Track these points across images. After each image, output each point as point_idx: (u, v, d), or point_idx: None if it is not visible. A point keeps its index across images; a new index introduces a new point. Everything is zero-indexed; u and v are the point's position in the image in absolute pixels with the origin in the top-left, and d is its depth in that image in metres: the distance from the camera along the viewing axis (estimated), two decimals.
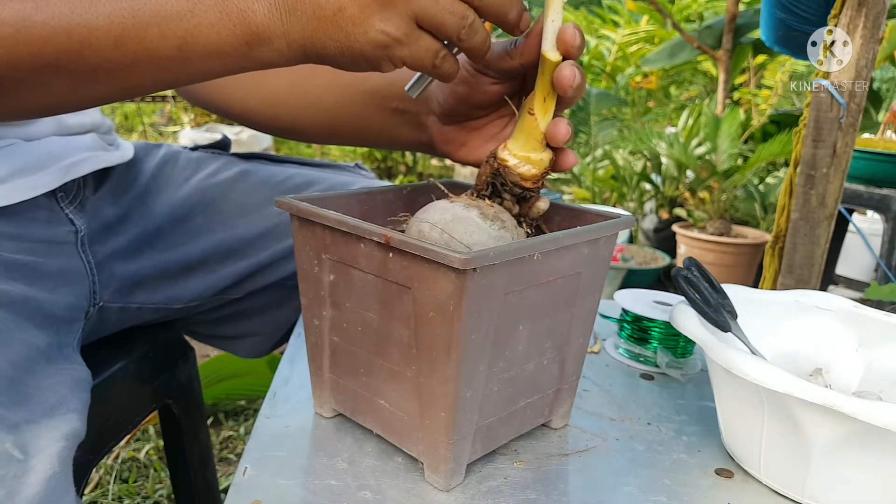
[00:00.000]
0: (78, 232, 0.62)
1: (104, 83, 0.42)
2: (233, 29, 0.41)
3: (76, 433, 0.46)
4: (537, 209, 0.50)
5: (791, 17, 1.34)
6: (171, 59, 0.41)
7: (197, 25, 0.40)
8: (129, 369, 0.67)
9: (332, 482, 0.44)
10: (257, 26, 0.41)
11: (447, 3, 0.41)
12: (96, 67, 0.41)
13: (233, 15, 0.40)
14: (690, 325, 0.50)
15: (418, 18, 0.41)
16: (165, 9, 0.40)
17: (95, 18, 0.39)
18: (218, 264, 0.73)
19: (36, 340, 0.51)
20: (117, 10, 0.39)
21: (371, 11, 0.40)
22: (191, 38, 0.40)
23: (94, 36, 0.39)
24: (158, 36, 0.40)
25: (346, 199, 0.52)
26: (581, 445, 0.51)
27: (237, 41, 0.41)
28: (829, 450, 0.42)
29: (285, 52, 0.42)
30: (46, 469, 0.41)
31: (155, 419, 1.36)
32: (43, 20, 0.38)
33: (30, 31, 0.38)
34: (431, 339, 0.40)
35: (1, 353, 0.46)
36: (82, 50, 0.39)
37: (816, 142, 0.92)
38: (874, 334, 0.55)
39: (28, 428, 0.43)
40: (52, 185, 0.60)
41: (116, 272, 0.66)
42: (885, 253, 1.53)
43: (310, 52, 0.42)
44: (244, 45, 0.41)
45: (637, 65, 4.15)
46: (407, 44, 0.41)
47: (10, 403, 0.43)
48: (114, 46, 0.40)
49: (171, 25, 0.40)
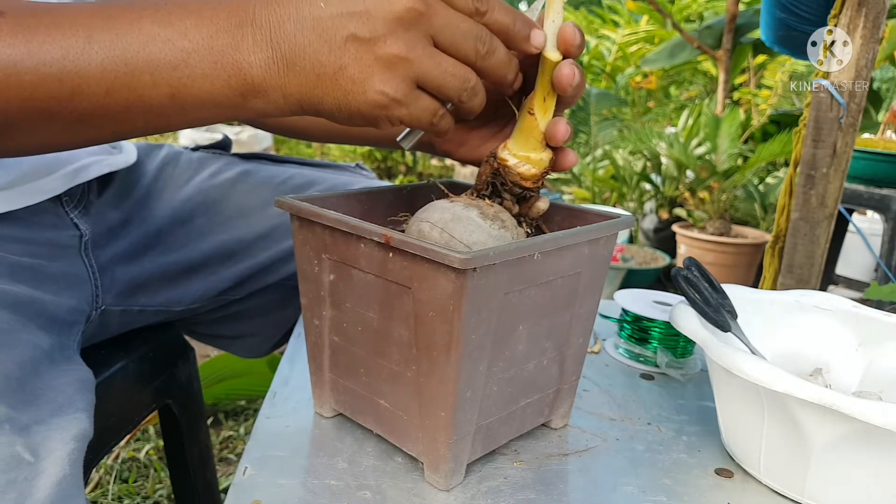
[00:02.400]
0: (82, 236, 0.62)
1: (96, 128, 0.42)
2: (227, 80, 0.40)
3: (85, 434, 0.46)
4: (537, 209, 0.50)
5: (791, 17, 1.34)
6: (163, 107, 0.41)
7: (190, 75, 0.39)
8: (129, 369, 0.67)
9: (332, 482, 0.44)
10: (253, 78, 0.40)
11: (449, 66, 0.41)
12: (87, 113, 0.40)
13: (227, 67, 0.40)
14: (690, 325, 0.50)
15: (419, 81, 0.40)
16: (158, 58, 0.39)
17: (87, 66, 0.38)
18: (219, 265, 0.73)
19: (40, 342, 0.51)
20: (110, 57, 0.39)
21: (371, 72, 0.39)
22: (183, 87, 0.40)
23: (85, 83, 0.39)
24: (150, 84, 0.39)
25: (345, 199, 0.52)
26: (581, 445, 0.51)
27: (231, 92, 0.40)
28: (828, 450, 0.42)
29: (281, 104, 0.41)
30: (57, 472, 0.41)
31: (155, 419, 1.36)
32: (34, 66, 0.38)
33: (20, 76, 0.38)
34: (431, 338, 0.40)
35: (8, 354, 0.46)
36: (73, 97, 0.39)
37: (816, 142, 0.92)
38: (874, 334, 0.55)
39: (38, 430, 0.43)
40: (58, 189, 0.60)
41: (118, 276, 0.67)
42: (885, 253, 1.53)
43: (306, 106, 0.42)
44: (238, 96, 0.41)
45: (637, 65, 4.15)
46: (406, 104, 0.41)
47: (19, 404, 0.43)
48: (105, 94, 0.39)
49: (164, 74, 0.39)
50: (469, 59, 0.41)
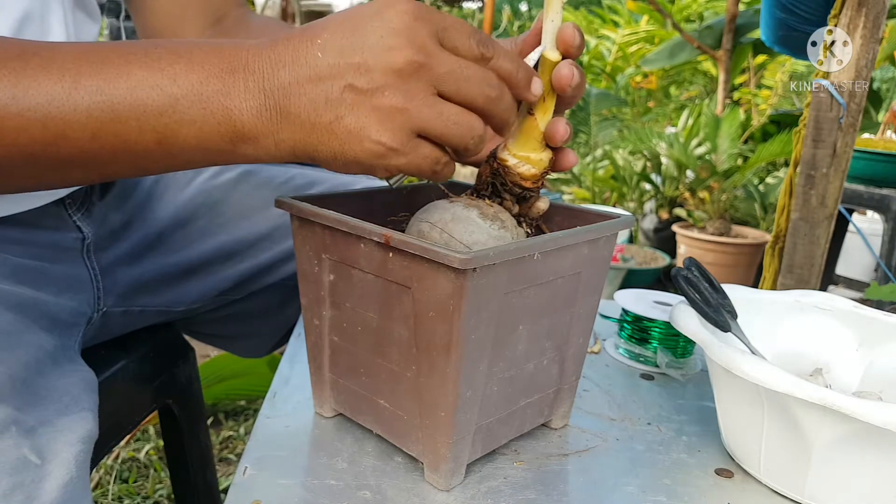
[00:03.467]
0: (84, 239, 0.62)
1: (82, 171, 0.41)
2: (216, 127, 0.39)
3: (91, 435, 0.46)
4: (537, 209, 0.50)
5: (791, 17, 1.34)
6: (150, 153, 0.40)
7: (178, 121, 0.39)
8: (129, 369, 0.67)
9: (332, 482, 0.44)
10: (243, 125, 0.39)
11: (453, 114, 0.39)
12: (73, 157, 0.40)
13: (217, 113, 0.39)
14: (690, 325, 0.50)
15: (419, 131, 0.39)
16: (146, 103, 0.38)
17: (73, 111, 0.38)
18: (219, 266, 0.73)
19: (44, 343, 0.51)
20: (95, 103, 0.38)
21: (369, 122, 0.38)
22: (171, 133, 0.39)
23: (70, 129, 0.38)
24: (137, 130, 0.39)
25: (346, 199, 0.52)
26: (581, 445, 0.51)
27: (220, 139, 0.39)
28: (829, 450, 0.42)
29: (273, 151, 0.40)
30: (63, 474, 0.41)
31: (155, 419, 1.36)
32: (18, 111, 0.37)
33: (3, 122, 0.37)
34: (431, 338, 0.40)
35: (13, 356, 0.46)
36: (58, 142, 0.38)
37: (816, 142, 0.92)
38: (874, 334, 0.55)
39: (44, 431, 0.43)
40: (61, 192, 0.60)
41: (120, 278, 0.67)
42: (885, 253, 1.53)
43: (300, 154, 0.41)
44: (228, 142, 0.40)
45: (637, 65, 4.15)
46: (405, 154, 0.39)
47: (25, 406, 0.43)
48: (91, 139, 0.39)
49: (151, 121, 0.38)
50: (477, 106, 0.40)
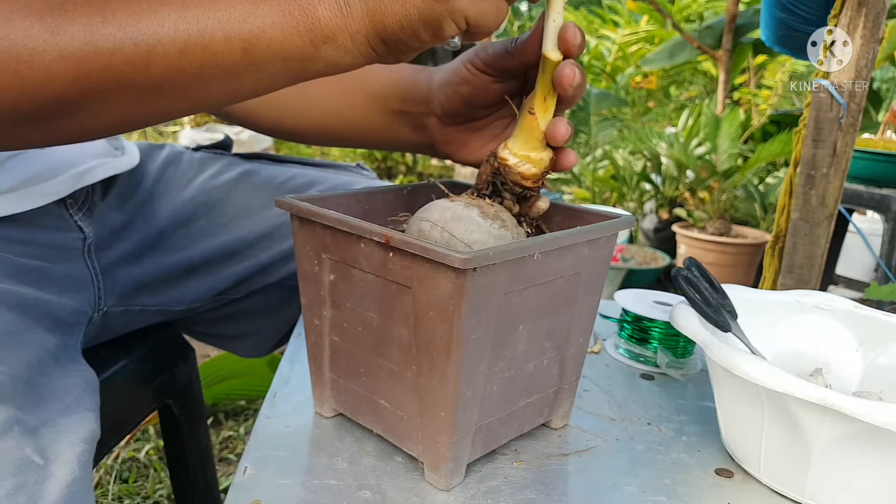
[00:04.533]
0: (86, 239, 0.62)
1: (171, 95, 0.41)
2: (296, 27, 0.39)
3: (94, 435, 0.46)
4: (537, 209, 0.50)
5: (791, 17, 1.34)
6: (236, 65, 0.40)
7: (260, 26, 0.39)
8: (129, 369, 0.68)
9: (332, 482, 0.44)
10: (319, 20, 0.39)
11: None
12: (163, 78, 0.39)
13: (294, 12, 0.39)
14: (690, 325, 0.50)
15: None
16: (229, 13, 0.39)
17: (161, 27, 0.38)
18: (220, 266, 0.73)
19: (46, 343, 0.51)
20: (182, 18, 0.38)
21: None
22: (255, 39, 0.39)
23: (160, 44, 0.38)
24: (223, 40, 0.39)
25: (346, 199, 0.52)
26: (581, 445, 0.51)
27: (301, 40, 0.40)
28: (829, 450, 0.42)
29: (350, 47, 0.41)
30: (66, 474, 0.41)
31: (155, 419, 1.36)
32: (110, 32, 0.37)
33: (97, 44, 0.37)
34: (431, 338, 0.40)
35: (15, 355, 0.46)
36: (149, 59, 0.38)
37: (816, 142, 0.92)
38: (874, 334, 0.55)
39: (47, 431, 0.43)
40: (63, 192, 0.60)
41: (120, 278, 0.67)
42: (885, 253, 1.53)
43: (373, 41, 0.41)
44: (309, 43, 0.40)
45: (637, 65, 4.15)
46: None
47: (28, 406, 0.43)
48: (180, 54, 0.39)
49: (235, 28, 0.39)
50: None
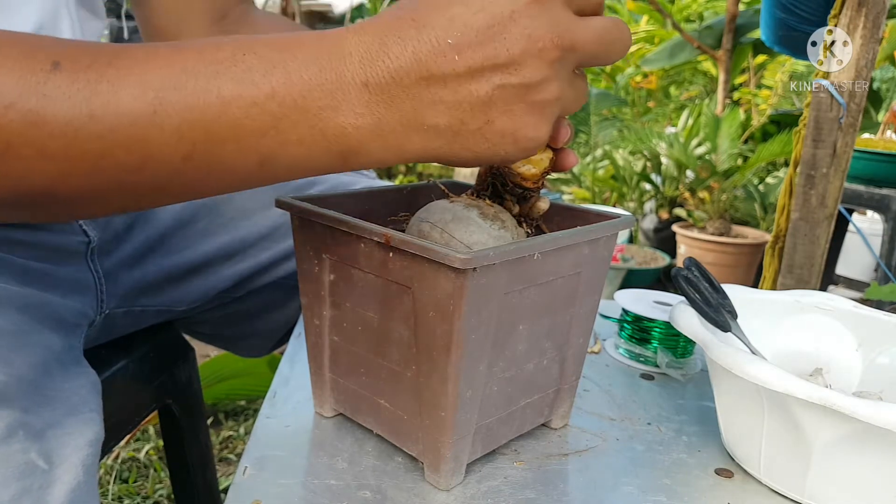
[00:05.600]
0: (90, 242, 0.62)
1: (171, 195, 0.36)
2: (327, 146, 0.34)
3: (98, 438, 0.45)
4: (538, 209, 0.50)
5: (791, 17, 1.34)
6: (250, 174, 0.35)
7: (282, 143, 0.34)
8: (129, 369, 0.67)
9: (332, 482, 0.44)
10: (359, 142, 0.34)
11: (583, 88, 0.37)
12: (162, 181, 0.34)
13: (327, 132, 0.34)
14: (690, 325, 0.50)
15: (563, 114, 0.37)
16: (244, 124, 0.33)
17: (160, 133, 0.32)
18: (221, 265, 0.73)
19: (52, 344, 0.50)
20: (187, 122, 0.32)
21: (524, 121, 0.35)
22: (274, 156, 0.34)
23: (159, 152, 0.33)
24: (236, 152, 0.34)
25: (346, 199, 0.52)
26: (581, 445, 0.51)
27: (331, 157, 0.35)
28: (829, 450, 0.42)
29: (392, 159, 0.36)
30: (71, 479, 0.41)
31: (155, 419, 1.36)
32: (98, 133, 0.32)
33: (83, 144, 0.32)
34: (431, 338, 0.40)
35: (22, 356, 0.46)
36: (145, 165, 0.33)
37: (816, 142, 0.92)
38: (874, 334, 0.55)
39: (53, 434, 0.42)
40: None
41: (122, 280, 0.67)
42: (885, 253, 1.53)
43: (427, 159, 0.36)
44: (338, 159, 0.35)
45: (637, 65, 4.15)
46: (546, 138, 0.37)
47: (33, 407, 0.43)
48: (183, 161, 0.33)
49: (251, 142, 0.33)
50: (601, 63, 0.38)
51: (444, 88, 0.33)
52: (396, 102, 0.33)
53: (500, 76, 0.33)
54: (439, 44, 0.33)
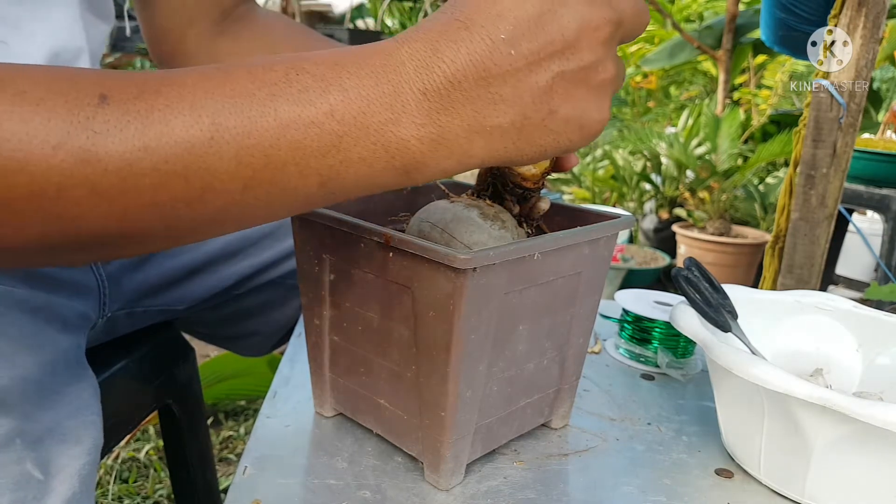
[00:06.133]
0: None
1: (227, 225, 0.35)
2: (389, 161, 0.33)
3: (97, 444, 0.45)
4: (538, 209, 0.50)
5: (791, 17, 1.34)
6: (310, 197, 0.34)
7: (343, 161, 0.32)
8: (129, 369, 0.67)
9: (331, 481, 0.44)
10: (423, 154, 0.33)
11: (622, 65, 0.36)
12: (220, 211, 0.33)
13: (390, 147, 0.32)
14: (691, 326, 0.50)
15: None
16: (304, 144, 0.32)
17: (219, 160, 0.31)
18: (223, 264, 0.74)
19: (57, 345, 0.50)
20: (245, 148, 0.31)
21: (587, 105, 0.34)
22: (335, 175, 0.33)
23: (217, 180, 0.31)
24: (297, 175, 0.32)
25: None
26: (581, 445, 0.51)
27: (394, 173, 0.33)
28: (829, 450, 0.42)
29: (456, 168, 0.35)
30: (66, 490, 0.40)
31: (155, 419, 1.36)
32: (152, 165, 0.30)
33: (137, 179, 0.30)
34: (431, 338, 0.40)
35: (31, 357, 0.45)
36: (204, 195, 0.32)
37: (816, 142, 0.92)
38: (874, 334, 0.55)
39: (51, 441, 0.42)
40: None
41: (125, 283, 0.67)
42: (885, 253, 1.53)
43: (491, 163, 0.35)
44: (402, 174, 0.34)
45: (637, 65, 4.15)
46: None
47: (35, 410, 0.43)
48: (242, 190, 0.32)
49: (312, 163, 0.32)
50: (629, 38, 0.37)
51: (503, 86, 0.32)
52: (457, 107, 0.32)
53: (559, 63, 0.33)
54: (492, 41, 0.32)
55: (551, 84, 0.33)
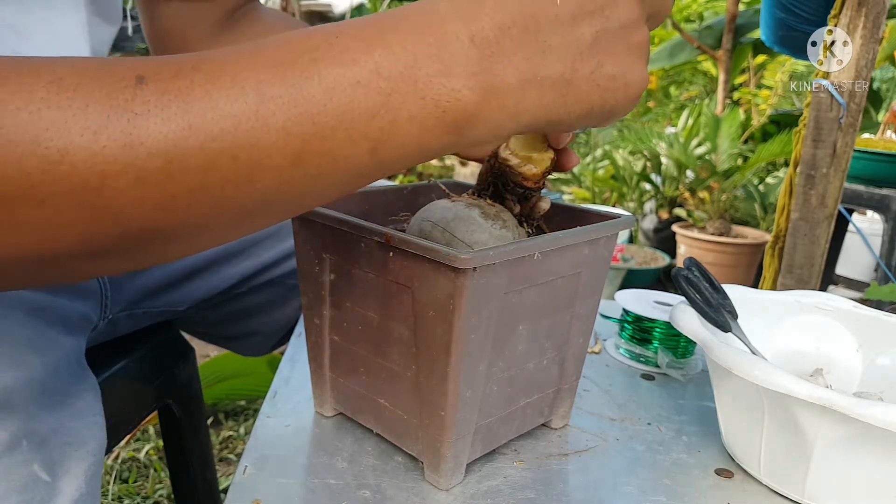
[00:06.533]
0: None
1: (277, 209, 0.33)
2: (441, 116, 0.31)
3: (101, 445, 0.45)
4: (539, 209, 0.50)
5: (791, 17, 1.34)
6: (361, 167, 0.32)
7: (393, 121, 0.31)
8: (129, 369, 0.67)
9: (331, 481, 0.44)
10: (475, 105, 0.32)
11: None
12: (270, 193, 0.31)
13: (440, 100, 0.31)
14: (691, 326, 0.50)
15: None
16: (352, 108, 0.30)
17: (267, 133, 0.29)
18: (223, 265, 0.74)
19: (61, 346, 0.50)
20: (292, 118, 0.30)
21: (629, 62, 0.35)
22: (385, 138, 0.31)
23: (266, 155, 0.30)
24: (347, 142, 0.31)
25: (346, 199, 0.52)
26: (581, 445, 0.51)
27: (445, 130, 0.32)
28: (829, 450, 0.42)
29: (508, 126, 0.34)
30: (73, 490, 0.40)
31: (155, 419, 1.36)
32: (199, 144, 0.28)
33: (185, 160, 0.28)
34: (431, 338, 0.40)
35: (37, 357, 0.46)
36: (253, 175, 0.30)
37: (816, 142, 0.92)
38: (874, 334, 0.55)
39: (56, 442, 0.42)
40: None
41: (126, 286, 0.66)
42: (885, 253, 1.53)
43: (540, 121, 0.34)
44: (454, 131, 0.32)
45: None
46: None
47: (41, 411, 0.43)
48: (293, 164, 0.30)
49: (360, 127, 0.31)
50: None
51: (552, 35, 0.32)
52: (508, 55, 0.31)
53: (600, 19, 0.33)
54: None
55: (596, 38, 0.33)
